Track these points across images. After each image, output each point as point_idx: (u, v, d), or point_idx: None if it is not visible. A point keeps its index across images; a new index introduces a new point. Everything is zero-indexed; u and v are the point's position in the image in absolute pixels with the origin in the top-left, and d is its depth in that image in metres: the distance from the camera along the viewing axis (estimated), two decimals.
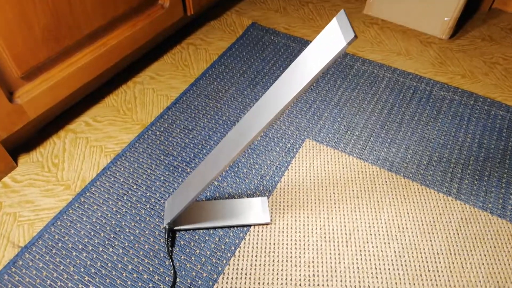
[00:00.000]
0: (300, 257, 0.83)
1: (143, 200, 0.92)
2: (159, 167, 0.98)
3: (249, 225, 0.88)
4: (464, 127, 1.08)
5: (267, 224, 0.88)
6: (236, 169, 0.98)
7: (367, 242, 0.85)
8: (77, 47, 0.98)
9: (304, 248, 0.84)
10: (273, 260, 0.82)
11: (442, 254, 0.84)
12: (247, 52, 1.29)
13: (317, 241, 0.85)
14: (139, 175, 0.96)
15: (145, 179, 0.96)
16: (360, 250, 0.84)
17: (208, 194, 0.93)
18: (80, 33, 0.96)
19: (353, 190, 0.94)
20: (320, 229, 0.87)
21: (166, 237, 0.83)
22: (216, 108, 1.12)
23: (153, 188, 0.94)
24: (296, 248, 0.84)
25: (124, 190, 0.93)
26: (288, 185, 0.95)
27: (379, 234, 0.86)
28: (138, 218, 0.89)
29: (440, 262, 0.82)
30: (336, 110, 1.12)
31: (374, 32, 1.39)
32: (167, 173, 0.97)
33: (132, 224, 0.88)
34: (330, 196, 0.93)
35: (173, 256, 0.83)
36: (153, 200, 0.92)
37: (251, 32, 1.37)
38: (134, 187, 0.94)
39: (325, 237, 0.86)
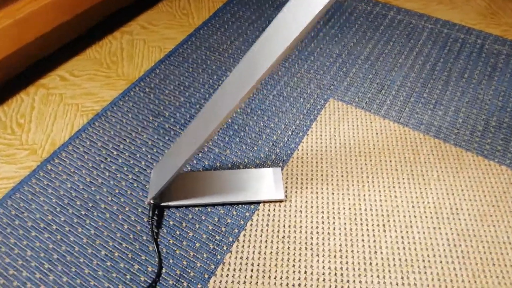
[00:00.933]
0: (323, 244, 0.64)
1: (125, 169, 0.73)
2: (147, 130, 0.79)
3: (258, 202, 0.68)
4: None
5: (280, 201, 0.69)
6: (242, 134, 0.78)
7: (411, 227, 0.65)
8: None
9: (328, 233, 0.65)
10: (288, 248, 0.63)
11: (510, 243, 0.64)
12: None
13: (345, 224, 0.66)
14: (121, 139, 0.77)
15: (129, 143, 0.77)
16: (402, 237, 0.64)
17: (206, 163, 0.74)
18: None
19: (390, 161, 0.74)
20: (350, 209, 0.68)
21: (150, 215, 0.64)
22: (219, 62, 0.92)
23: (137, 155, 0.75)
24: (318, 233, 0.65)
25: (102, 156, 0.75)
26: (307, 153, 0.75)
27: (426, 217, 0.66)
28: (117, 191, 0.70)
29: (508, 254, 0.62)
30: (367, 65, 0.91)
31: None
32: (156, 137, 0.78)
33: (109, 198, 0.69)
34: (362, 168, 0.73)
35: (158, 240, 0.64)
36: (136, 170, 0.73)
37: None
38: (115, 153, 0.75)
39: (355, 219, 0.66)
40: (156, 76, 0.89)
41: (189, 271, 0.61)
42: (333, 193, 0.69)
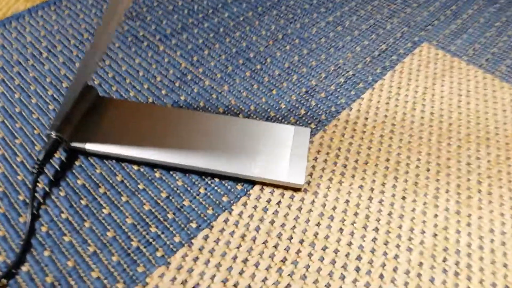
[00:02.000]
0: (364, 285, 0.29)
1: (48, 80, 0.43)
2: None
3: (253, 182, 0.35)
4: None
5: (295, 188, 0.35)
6: (259, 67, 0.45)
7: None
8: None
9: (370, 265, 0.30)
10: (289, 286, 0.29)
11: None
12: None
13: (421, 264, 0.31)
14: (64, 39, 0.47)
15: (72, 46, 0.46)
16: None
17: (182, 98, 0.42)
18: None
19: None
20: (435, 236, 0.32)
21: (40, 157, 0.33)
22: None
23: (77, 65, 0.44)
24: (358, 270, 0.30)
25: (23, 56, 0.45)
26: (366, 118, 0.41)
27: None
28: (17, 109, 0.40)
29: None
30: (492, 9, 0.54)
31: None
32: (117, 45, 0.47)
33: (0, 118, 0.39)
34: (469, 164, 0.37)
35: (43, 207, 0.33)
36: (65, 85, 0.42)
37: None
38: (44, 55, 0.45)
39: (447, 262, 0.31)
40: None
41: (71, 283, 0.29)
42: (404, 198, 0.34)
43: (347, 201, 0.34)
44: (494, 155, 0.38)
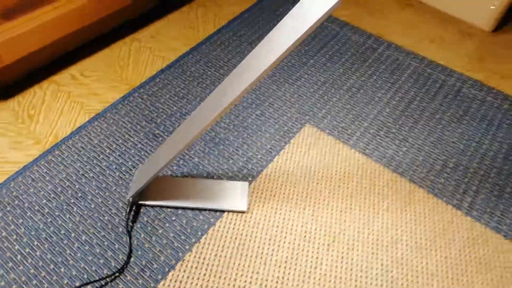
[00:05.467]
0: (272, 255, 0.73)
1: (113, 167, 0.83)
2: (138, 134, 0.89)
3: (223, 211, 0.78)
4: (492, 134, 0.93)
5: (242, 212, 0.78)
6: (222, 147, 0.87)
7: (352, 250, 0.74)
8: None
9: (278, 246, 0.74)
10: (241, 254, 0.73)
11: (437, 275, 0.72)
12: (262, 20, 1.17)
13: (295, 239, 0.75)
14: (114, 140, 0.88)
15: (120, 144, 0.87)
16: (342, 257, 0.73)
17: (185, 170, 0.84)
18: None
19: (347, 188, 0.82)
20: (302, 226, 0.76)
21: (128, 210, 0.75)
22: (214, 77, 1.01)
23: (126, 155, 0.85)
24: (269, 245, 0.74)
25: (96, 153, 0.85)
26: (275, 172, 0.84)
27: (368, 242, 0.75)
28: (103, 185, 0.81)
29: (433, 285, 0.70)
30: (347, 96, 0.99)
31: (407, 15, 1.23)
32: (145, 141, 0.88)
33: (96, 191, 0.80)
34: (320, 191, 0.81)
35: (132, 233, 0.74)
36: (123, 169, 0.83)
37: None
38: (107, 151, 0.86)
39: (305, 236, 0.75)
40: (155, 84, 0.99)
41: (153, 263, 0.71)
42: (290, 211, 0.78)
43: (265, 216, 0.78)
44: (332, 186, 0.82)
